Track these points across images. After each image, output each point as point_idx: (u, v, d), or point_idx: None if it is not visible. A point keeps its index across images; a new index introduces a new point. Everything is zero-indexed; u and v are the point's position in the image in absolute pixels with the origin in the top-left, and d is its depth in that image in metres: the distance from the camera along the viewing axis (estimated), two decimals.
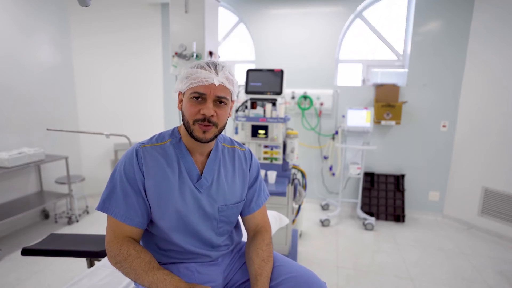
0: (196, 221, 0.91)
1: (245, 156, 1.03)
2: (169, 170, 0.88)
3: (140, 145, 0.89)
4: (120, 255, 0.81)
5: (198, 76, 0.84)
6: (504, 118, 2.74)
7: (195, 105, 0.85)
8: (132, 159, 0.86)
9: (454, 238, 2.79)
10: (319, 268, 2.24)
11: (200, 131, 0.85)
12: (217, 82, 0.84)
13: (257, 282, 0.88)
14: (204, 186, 0.92)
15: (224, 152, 0.99)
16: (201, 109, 0.84)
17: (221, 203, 0.94)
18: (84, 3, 1.20)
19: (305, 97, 3.33)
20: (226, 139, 1.04)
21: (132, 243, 0.84)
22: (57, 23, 3.08)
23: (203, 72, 0.84)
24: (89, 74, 3.39)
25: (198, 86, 0.84)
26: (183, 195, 0.89)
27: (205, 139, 0.86)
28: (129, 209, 0.85)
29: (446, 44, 2.99)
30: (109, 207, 0.85)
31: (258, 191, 1.06)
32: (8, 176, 2.66)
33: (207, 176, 0.93)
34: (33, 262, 2.20)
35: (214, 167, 0.95)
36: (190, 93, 0.85)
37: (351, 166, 3.04)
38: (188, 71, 0.87)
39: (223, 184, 0.95)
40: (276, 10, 3.38)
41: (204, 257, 0.95)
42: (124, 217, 0.85)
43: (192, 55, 2.14)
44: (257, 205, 1.04)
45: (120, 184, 0.86)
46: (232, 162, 1.00)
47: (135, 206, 0.85)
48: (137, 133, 3.04)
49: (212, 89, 0.84)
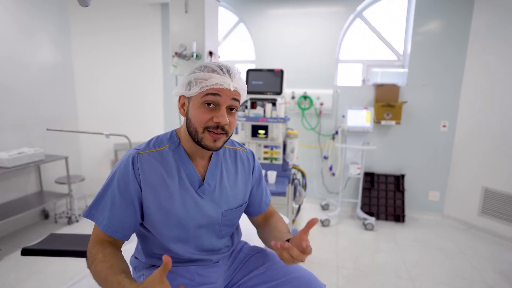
0: (198, 229, 0.88)
1: (248, 157, 1.01)
2: (169, 178, 0.84)
3: (137, 152, 0.83)
4: (90, 259, 0.77)
5: (212, 80, 0.77)
6: (504, 118, 2.74)
7: (207, 112, 0.78)
8: (127, 168, 0.81)
9: (454, 238, 2.79)
10: (319, 268, 2.24)
11: (211, 139, 0.80)
12: (232, 87, 0.79)
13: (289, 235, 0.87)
14: (206, 192, 0.88)
15: (225, 154, 0.96)
16: (215, 117, 0.78)
17: (224, 208, 0.92)
18: (84, 3, 1.20)
19: (305, 97, 3.33)
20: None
21: (103, 246, 0.79)
22: (57, 23, 3.08)
23: (217, 76, 0.78)
24: (89, 74, 3.39)
25: (212, 91, 0.77)
26: (184, 203, 0.85)
27: (216, 148, 0.82)
28: (113, 221, 0.81)
29: (446, 44, 2.99)
30: (95, 214, 0.83)
31: (265, 191, 1.07)
32: (8, 176, 2.66)
33: (210, 181, 0.89)
34: (33, 262, 2.20)
35: (216, 171, 0.91)
36: (202, 98, 0.78)
37: (351, 166, 3.04)
38: (197, 74, 0.79)
39: (225, 188, 0.92)
40: (276, 10, 3.38)
41: (205, 261, 0.94)
42: (106, 227, 0.81)
43: (192, 55, 2.14)
44: (266, 204, 1.06)
45: (111, 193, 0.81)
46: (234, 164, 0.97)
47: (120, 218, 0.81)
48: (137, 133, 3.05)
49: (227, 95, 0.79)
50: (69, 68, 3.27)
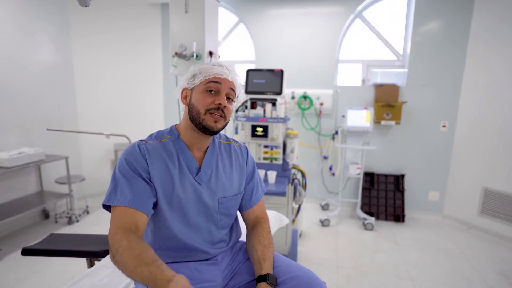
0: (196, 213, 0.94)
1: (241, 151, 1.08)
2: (170, 164, 0.91)
3: (142, 141, 0.92)
4: (114, 246, 0.74)
5: (213, 71, 0.91)
6: (504, 118, 2.74)
7: (209, 97, 0.90)
8: (134, 152, 0.88)
9: (454, 238, 2.79)
10: (319, 268, 2.24)
11: (212, 120, 0.90)
12: (230, 78, 0.93)
13: (261, 266, 0.91)
14: (203, 179, 0.95)
15: (221, 148, 1.04)
16: (216, 100, 0.90)
17: (220, 195, 0.98)
18: (84, 3, 1.20)
19: (305, 97, 3.33)
20: (222, 136, 1.09)
21: (127, 233, 0.76)
22: (57, 23, 3.08)
23: (218, 68, 0.92)
24: (89, 74, 3.39)
25: (214, 79, 0.91)
26: (184, 187, 0.92)
27: (216, 128, 0.91)
28: (135, 194, 0.83)
29: (446, 44, 2.99)
30: (115, 198, 0.82)
31: (256, 185, 1.10)
32: (8, 176, 2.66)
33: (206, 169, 0.96)
34: (33, 262, 2.20)
35: (212, 161, 0.99)
36: (205, 85, 0.91)
37: (351, 166, 3.04)
38: (200, 67, 0.93)
39: (221, 177, 0.99)
40: (276, 10, 3.38)
41: (203, 254, 0.95)
42: (131, 202, 0.81)
43: (192, 55, 2.14)
44: (257, 198, 1.09)
45: (124, 175, 0.85)
46: (229, 157, 1.04)
47: (141, 191, 0.84)
48: (137, 133, 3.02)
49: (226, 83, 0.92)
50: (69, 68, 3.27)
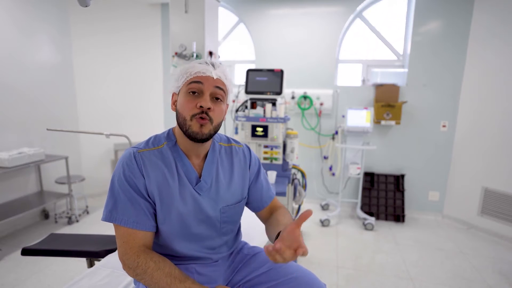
0: (197, 225, 0.89)
1: (244, 153, 1.02)
2: (169, 174, 0.86)
3: (137, 150, 0.86)
4: (139, 268, 0.79)
5: (194, 69, 0.84)
6: (504, 118, 2.74)
7: (192, 100, 0.83)
8: (131, 164, 0.83)
9: (454, 238, 2.79)
10: (319, 268, 2.24)
11: (198, 125, 0.82)
12: (215, 75, 0.84)
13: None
14: (203, 189, 0.90)
15: (221, 152, 0.98)
16: (198, 102, 0.82)
17: (222, 204, 0.93)
18: (84, 3, 1.21)
19: (305, 97, 3.33)
20: (223, 138, 1.02)
21: (149, 254, 0.81)
22: (57, 23, 3.08)
23: (199, 65, 0.85)
24: (89, 74, 3.39)
25: (195, 79, 0.83)
26: (184, 199, 0.87)
27: (202, 134, 0.83)
28: (139, 214, 0.82)
29: (446, 44, 2.99)
30: (117, 216, 0.81)
31: (266, 184, 1.05)
32: (8, 176, 2.66)
33: (206, 178, 0.91)
34: (33, 262, 2.20)
35: (212, 169, 0.93)
36: (187, 87, 0.84)
37: (351, 166, 3.04)
38: (183, 67, 0.87)
39: (222, 185, 0.93)
40: (276, 10, 3.38)
41: (205, 260, 0.94)
42: (135, 223, 0.81)
43: (192, 55, 2.14)
44: (269, 197, 1.05)
45: (124, 191, 0.82)
46: (230, 161, 0.98)
47: (143, 210, 0.83)
48: (137, 133, 3.05)
49: (209, 82, 0.84)
50: (69, 68, 3.26)
